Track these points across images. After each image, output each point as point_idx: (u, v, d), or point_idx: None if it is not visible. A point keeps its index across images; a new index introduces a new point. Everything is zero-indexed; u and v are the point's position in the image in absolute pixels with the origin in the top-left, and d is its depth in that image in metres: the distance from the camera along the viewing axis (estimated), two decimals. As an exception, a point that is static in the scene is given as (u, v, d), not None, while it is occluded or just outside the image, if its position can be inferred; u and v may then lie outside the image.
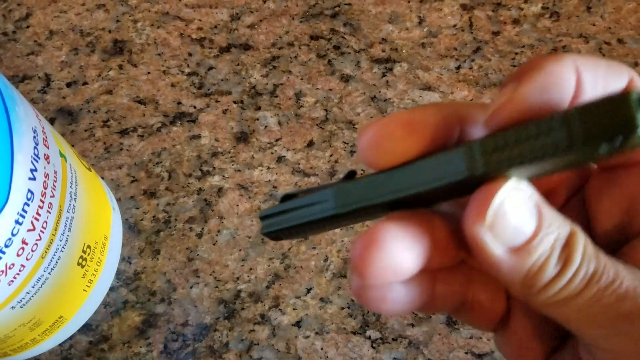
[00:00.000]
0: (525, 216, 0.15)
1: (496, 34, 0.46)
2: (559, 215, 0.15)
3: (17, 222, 0.27)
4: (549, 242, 0.15)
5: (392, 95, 0.44)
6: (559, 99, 0.15)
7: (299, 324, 0.36)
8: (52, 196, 0.30)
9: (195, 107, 0.43)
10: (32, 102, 0.44)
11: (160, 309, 0.37)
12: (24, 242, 0.28)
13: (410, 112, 0.16)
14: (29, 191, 0.28)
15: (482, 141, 0.15)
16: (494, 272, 0.15)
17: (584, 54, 0.44)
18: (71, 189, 0.32)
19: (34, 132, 0.29)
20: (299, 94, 0.44)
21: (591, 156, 0.14)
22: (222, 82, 0.44)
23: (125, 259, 0.38)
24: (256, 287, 0.37)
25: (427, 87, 0.44)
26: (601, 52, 0.45)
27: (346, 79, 0.44)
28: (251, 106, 0.43)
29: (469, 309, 0.19)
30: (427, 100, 0.44)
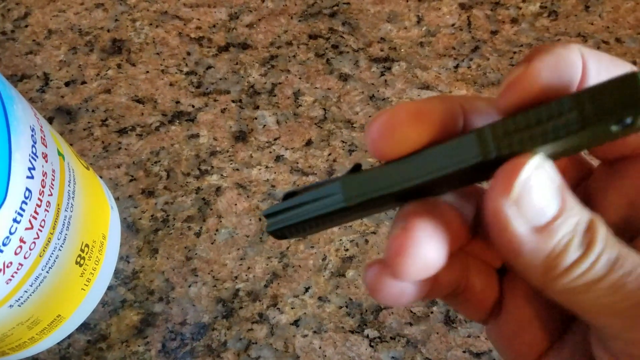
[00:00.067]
0: (549, 196, 0.15)
1: (494, 33, 0.46)
2: (578, 200, 0.15)
3: (15, 220, 0.27)
4: (571, 224, 0.15)
5: (390, 94, 0.44)
6: (568, 81, 0.15)
7: (297, 323, 0.36)
8: (50, 195, 0.30)
9: (193, 106, 0.43)
10: (31, 101, 0.44)
11: (158, 308, 0.37)
12: (21, 240, 0.28)
13: (417, 103, 0.16)
14: (27, 190, 0.28)
15: (494, 125, 0.15)
16: (513, 254, 0.15)
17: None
18: (69, 188, 0.32)
19: (32, 130, 0.29)
20: (298, 93, 0.44)
21: (603, 137, 0.14)
22: (221, 81, 0.44)
23: (123, 258, 0.38)
24: (254, 286, 0.37)
25: (426, 86, 0.44)
26: (599, 52, 0.45)
27: (345, 78, 0.44)
28: (250, 105, 0.43)
29: (462, 296, 0.19)
30: (425, 99, 0.44)
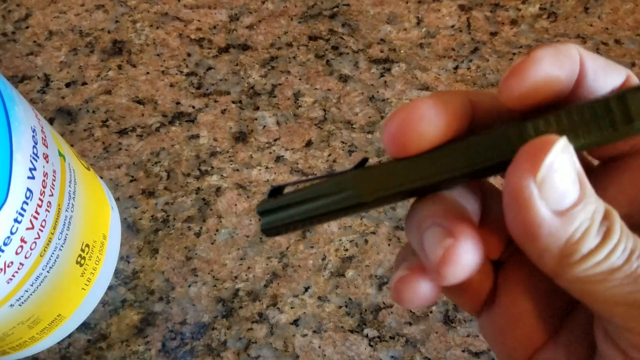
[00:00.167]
0: (570, 181, 0.15)
1: (494, 34, 0.46)
2: (593, 190, 0.15)
3: (16, 220, 0.28)
4: (589, 211, 0.15)
5: (390, 95, 0.44)
6: (568, 72, 0.16)
7: (296, 322, 0.37)
8: (50, 195, 0.30)
9: (194, 107, 0.44)
10: (32, 102, 0.44)
11: (158, 307, 0.37)
12: (22, 240, 0.28)
13: (434, 97, 0.16)
14: (28, 190, 0.28)
15: (534, 122, 0.15)
16: (531, 237, 0.15)
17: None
18: (70, 188, 0.32)
19: (33, 131, 0.29)
20: (298, 94, 0.44)
21: (629, 135, 0.15)
22: (221, 82, 0.45)
23: (123, 258, 0.38)
24: (254, 286, 0.38)
25: (425, 87, 0.44)
26: (598, 53, 0.45)
27: (344, 79, 0.44)
28: (250, 106, 0.44)
29: (457, 284, 0.19)
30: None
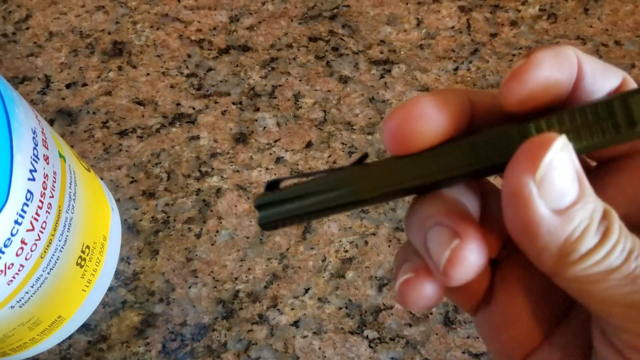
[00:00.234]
0: (569, 179, 0.14)
1: (494, 35, 0.46)
2: (592, 189, 0.15)
3: (16, 222, 0.28)
4: (588, 211, 0.15)
5: (390, 96, 0.44)
6: (567, 75, 0.16)
7: (296, 323, 0.37)
8: (51, 196, 0.30)
9: (194, 108, 0.44)
10: (32, 103, 0.44)
11: (158, 309, 0.37)
12: (23, 242, 0.28)
13: (434, 95, 0.16)
14: (28, 191, 0.28)
15: (536, 123, 0.15)
16: (529, 236, 0.15)
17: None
18: (70, 190, 0.32)
19: (34, 133, 0.29)
20: (298, 95, 0.44)
21: (631, 138, 0.15)
22: (221, 84, 0.45)
23: (124, 259, 0.38)
24: (254, 287, 0.38)
25: (425, 88, 0.44)
26: (598, 54, 0.45)
27: (344, 80, 0.45)
28: (250, 107, 0.44)
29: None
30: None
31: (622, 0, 0.47)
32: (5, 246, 0.27)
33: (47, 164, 0.30)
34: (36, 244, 0.29)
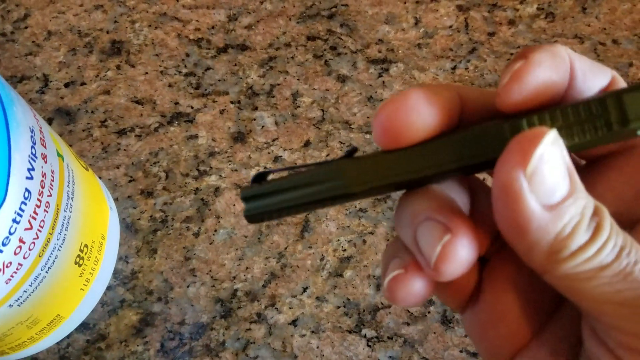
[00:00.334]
0: (560, 175, 0.14)
1: (492, 34, 0.46)
2: (583, 185, 0.15)
3: (14, 220, 0.28)
4: (579, 207, 0.14)
5: (388, 95, 0.44)
6: (563, 75, 0.16)
7: (295, 322, 0.37)
8: (49, 195, 0.30)
9: (192, 107, 0.44)
10: (30, 102, 0.44)
11: (157, 308, 0.37)
12: (21, 240, 0.28)
13: (425, 88, 0.16)
14: (26, 190, 0.28)
15: (529, 118, 0.15)
16: (519, 231, 0.14)
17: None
18: (68, 188, 0.32)
19: (32, 131, 0.29)
20: (296, 94, 0.44)
21: (624, 137, 0.15)
22: (220, 83, 0.45)
23: (122, 258, 0.39)
24: (252, 286, 0.38)
25: (423, 87, 0.44)
26: (596, 53, 0.45)
27: (343, 79, 0.45)
28: (248, 106, 0.44)
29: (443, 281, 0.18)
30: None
31: (620, -1, 0.47)
32: (3, 245, 0.28)
33: (45, 162, 0.30)
34: (34, 243, 0.29)
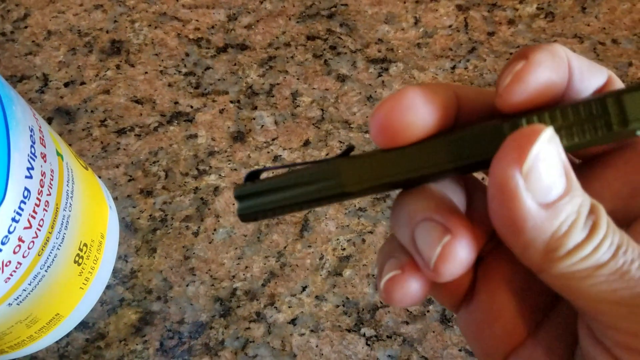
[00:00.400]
0: (556, 173, 0.14)
1: (491, 34, 0.46)
2: (579, 184, 0.15)
3: (13, 219, 0.28)
4: (576, 205, 0.14)
5: (387, 95, 0.44)
6: (563, 75, 0.16)
7: (294, 321, 0.37)
8: (48, 194, 0.30)
9: (192, 107, 0.44)
10: (30, 101, 0.44)
11: (156, 307, 0.37)
12: (20, 239, 0.29)
13: (423, 87, 0.16)
14: (26, 189, 0.28)
15: (528, 118, 0.15)
16: (515, 230, 0.14)
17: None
18: (68, 188, 0.32)
19: (31, 131, 0.29)
20: (296, 94, 0.44)
21: (622, 137, 0.15)
22: (219, 82, 0.45)
23: (121, 257, 0.39)
24: (252, 285, 0.38)
25: (423, 87, 0.44)
26: (595, 53, 0.45)
27: (342, 78, 0.45)
28: (248, 106, 0.44)
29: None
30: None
31: (620, -1, 0.47)
32: (2, 244, 0.28)
33: (45, 161, 0.30)
34: (33, 242, 0.30)
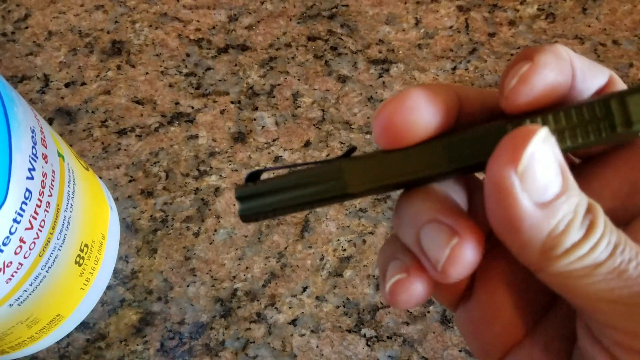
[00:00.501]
0: (552, 172, 0.14)
1: (492, 35, 0.46)
2: (576, 183, 0.15)
3: (15, 220, 0.28)
4: (572, 204, 0.14)
5: (388, 95, 0.44)
6: (567, 77, 0.16)
7: (294, 322, 0.37)
8: (49, 195, 0.30)
9: (192, 108, 0.44)
10: (31, 102, 0.44)
11: (157, 307, 0.37)
12: (21, 240, 0.29)
13: (425, 88, 0.16)
14: (27, 190, 0.28)
15: (532, 119, 0.15)
16: (512, 229, 0.14)
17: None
18: (69, 188, 0.32)
19: (32, 132, 0.29)
20: (296, 95, 0.44)
21: (624, 138, 0.15)
22: (220, 83, 0.45)
23: (122, 258, 0.39)
24: (252, 286, 0.38)
25: (423, 87, 0.44)
26: (596, 54, 0.45)
27: (343, 79, 0.45)
28: (248, 106, 0.44)
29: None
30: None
31: (620, 0, 0.47)
32: (3, 244, 0.28)
33: (46, 162, 0.30)
34: (35, 243, 0.30)
